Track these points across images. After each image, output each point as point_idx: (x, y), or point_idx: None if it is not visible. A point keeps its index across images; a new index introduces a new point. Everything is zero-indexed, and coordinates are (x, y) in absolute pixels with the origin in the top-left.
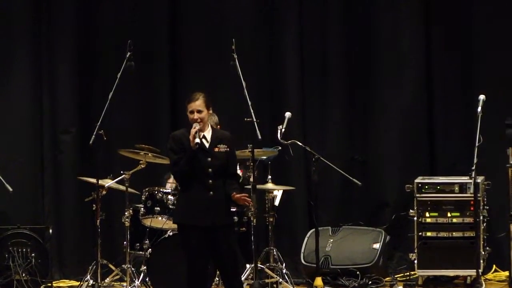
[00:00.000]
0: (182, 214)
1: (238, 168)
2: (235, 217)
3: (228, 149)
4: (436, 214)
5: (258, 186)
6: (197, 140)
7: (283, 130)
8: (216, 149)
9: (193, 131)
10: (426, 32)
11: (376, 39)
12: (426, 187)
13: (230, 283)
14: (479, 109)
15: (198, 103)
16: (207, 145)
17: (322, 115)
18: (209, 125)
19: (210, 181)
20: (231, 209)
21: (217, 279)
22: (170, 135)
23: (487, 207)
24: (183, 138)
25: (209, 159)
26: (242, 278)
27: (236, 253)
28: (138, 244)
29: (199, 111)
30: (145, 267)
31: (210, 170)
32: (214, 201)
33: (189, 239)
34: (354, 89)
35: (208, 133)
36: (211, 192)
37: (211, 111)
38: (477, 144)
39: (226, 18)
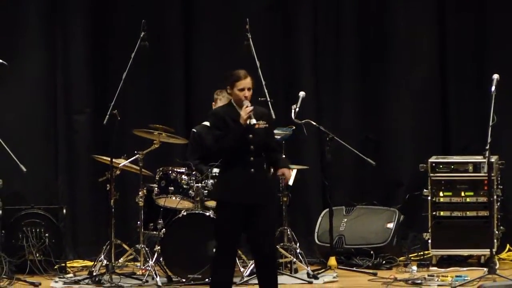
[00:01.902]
0: (223, 191)
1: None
2: None
3: (267, 125)
4: (450, 193)
5: None
6: (254, 121)
7: (297, 109)
8: (257, 126)
9: (247, 110)
10: (440, 15)
11: (390, 20)
12: (440, 166)
13: (262, 262)
14: (493, 88)
15: (249, 81)
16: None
17: (336, 95)
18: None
19: (252, 158)
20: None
21: None
22: (210, 112)
23: (501, 187)
24: (225, 115)
25: (251, 135)
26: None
27: (272, 232)
28: (152, 224)
29: (249, 89)
30: (159, 247)
31: (252, 147)
32: (255, 178)
33: (227, 216)
34: (367, 68)
35: None
36: (252, 170)
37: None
38: (491, 124)
39: None
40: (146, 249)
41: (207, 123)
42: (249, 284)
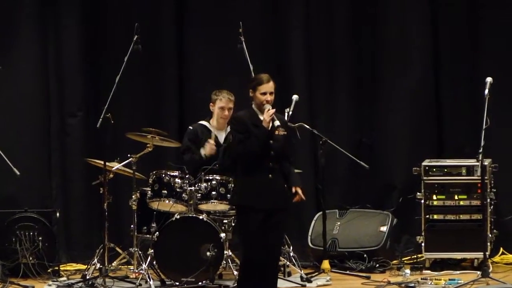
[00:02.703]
0: (243, 196)
1: None
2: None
3: (285, 133)
4: (443, 197)
5: None
6: (278, 122)
7: (290, 113)
8: (277, 132)
9: (269, 112)
10: (433, 15)
11: (383, 21)
12: (434, 169)
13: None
14: (486, 91)
15: (271, 85)
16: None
17: (330, 98)
18: None
19: (271, 163)
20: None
21: (224, 262)
22: (232, 117)
23: (494, 190)
24: (246, 120)
25: (271, 141)
26: None
27: (282, 239)
28: (145, 228)
29: (271, 93)
30: (152, 251)
31: (272, 152)
32: (273, 183)
33: (249, 221)
34: (361, 71)
35: None
36: (270, 175)
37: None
38: (484, 127)
39: (234, 0)
40: (140, 252)
41: (203, 122)
42: None
